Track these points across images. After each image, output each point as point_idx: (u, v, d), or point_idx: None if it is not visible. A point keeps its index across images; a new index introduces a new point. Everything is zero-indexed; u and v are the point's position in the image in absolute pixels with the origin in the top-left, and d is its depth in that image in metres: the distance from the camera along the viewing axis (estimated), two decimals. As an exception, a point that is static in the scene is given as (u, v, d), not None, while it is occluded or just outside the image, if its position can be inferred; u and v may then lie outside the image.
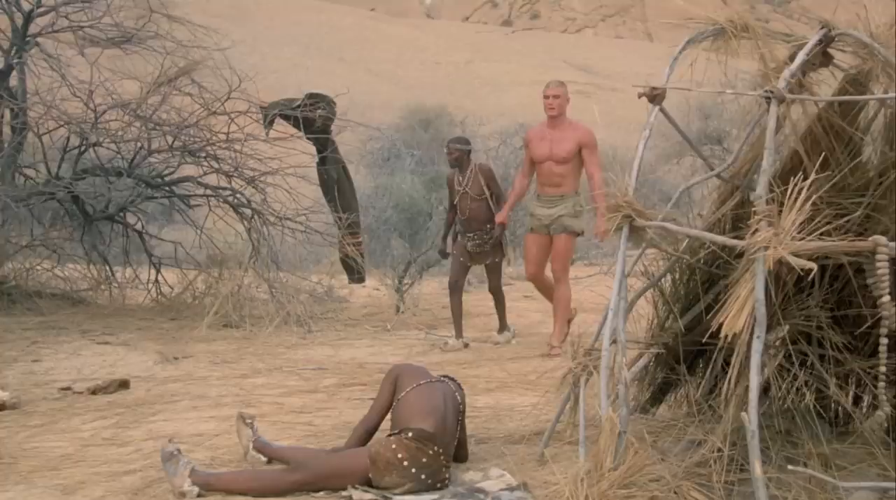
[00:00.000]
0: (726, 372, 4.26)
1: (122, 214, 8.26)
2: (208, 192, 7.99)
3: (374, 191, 12.74)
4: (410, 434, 3.65)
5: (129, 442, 4.36)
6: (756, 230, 2.80)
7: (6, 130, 7.48)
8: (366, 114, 8.65)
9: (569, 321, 6.76)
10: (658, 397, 4.72)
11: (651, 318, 4.31)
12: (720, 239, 3.17)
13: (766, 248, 2.76)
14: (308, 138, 8.07)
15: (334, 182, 8.12)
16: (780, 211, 2.98)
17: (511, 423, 4.67)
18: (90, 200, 7.97)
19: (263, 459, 4.00)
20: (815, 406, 4.18)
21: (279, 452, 4.00)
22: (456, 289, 6.99)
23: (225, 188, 7.95)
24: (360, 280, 8.77)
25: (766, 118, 3.61)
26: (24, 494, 3.63)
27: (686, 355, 4.38)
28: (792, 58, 3.40)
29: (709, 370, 4.44)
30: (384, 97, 9.15)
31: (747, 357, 2.91)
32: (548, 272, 6.83)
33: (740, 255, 3.83)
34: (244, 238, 8.46)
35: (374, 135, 15.60)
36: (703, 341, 4.34)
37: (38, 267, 8.27)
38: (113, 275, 8.38)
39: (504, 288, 7.54)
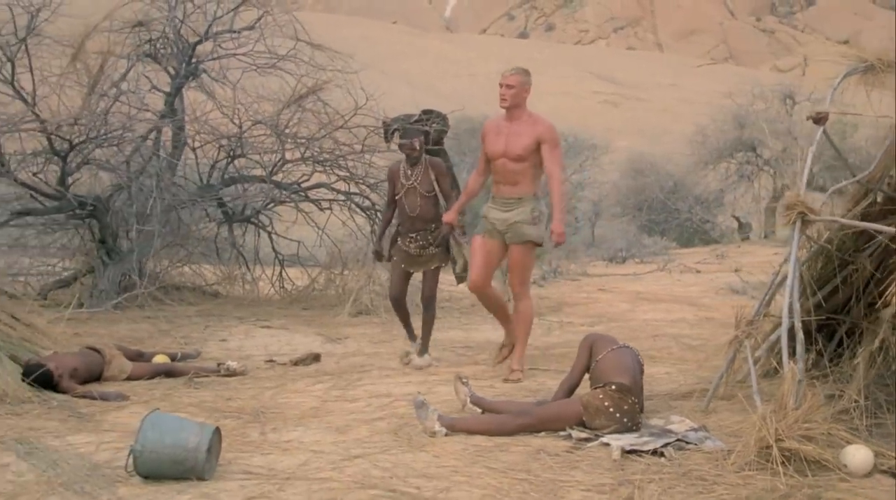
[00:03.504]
0: (841, 342, 5.26)
1: (257, 216, 9.23)
2: (339, 197, 8.94)
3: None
4: (613, 387, 4.60)
5: (357, 399, 5.31)
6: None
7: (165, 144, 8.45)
8: (414, 125, 9.36)
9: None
10: (779, 365, 5.67)
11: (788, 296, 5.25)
12: (891, 230, 4.07)
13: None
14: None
15: (447, 188, 9.03)
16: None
17: (660, 386, 5.61)
18: (231, 204, 8.94)
19: (479, 411, 4.93)
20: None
21: (494, 404, 4.94)
22: (399, 304, 6.29)
23: (356, 194, 8.91)
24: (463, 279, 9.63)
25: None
26: (309, 432, 4.58)
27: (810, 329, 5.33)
28: (924, 89, 4.34)
29: (832, 340, 5.39)
30: (426, 108, 9.97)
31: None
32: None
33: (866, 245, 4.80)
34: (358, 237, 9.44)
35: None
36: (828, 316, 5.31)
37: (179, 263, 9.22)
38: (250, 270, 9.34)
39: (576, 282, 7.81)
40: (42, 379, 5.11)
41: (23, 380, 5.09)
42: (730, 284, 11.16)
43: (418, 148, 6.17)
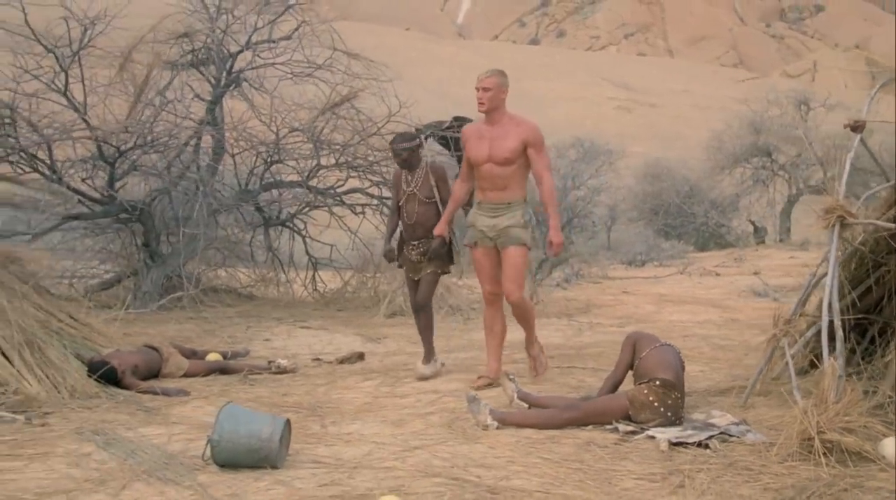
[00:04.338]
0: (873, 341, 5.45)
1: (292, 220, 9.48)
2: (373, 201, 9.18)
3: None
4: (658, 382, 4.80)
5: (407, 395, 5.52)
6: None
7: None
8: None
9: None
10: (815, 361, 5.86)
11: (822, 296, 5.46)
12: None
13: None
14: (454, 155, 9.24)
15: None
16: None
17: (697, 383, 5.81)
18: (268, 209, 9.19)
19: (525, 406, 5.14)
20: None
21: (540, 399, 5.15)
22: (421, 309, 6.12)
23: (389, 198, 9.12)
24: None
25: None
26: (368, 425, 4.80)
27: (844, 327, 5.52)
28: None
29: (864, 339, 5.58)
30: (445, 114, 10.07)
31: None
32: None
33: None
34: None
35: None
36: (862, 316, 5.50)
37: (216, 266, 9.46)
38: (285, 273, 9.58)
39: (598, 285, 7.70)
40: (107, 376, 5.35)
41: (88, 376, 5.33)
42: (751, 286, 11.35)
43: (403, 155, 5.93)
